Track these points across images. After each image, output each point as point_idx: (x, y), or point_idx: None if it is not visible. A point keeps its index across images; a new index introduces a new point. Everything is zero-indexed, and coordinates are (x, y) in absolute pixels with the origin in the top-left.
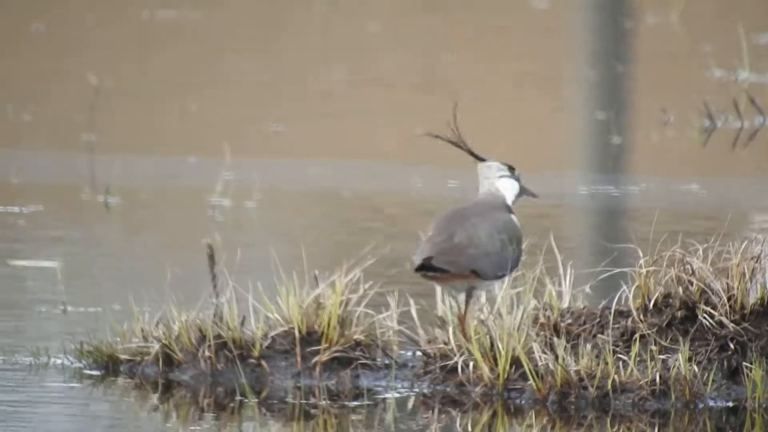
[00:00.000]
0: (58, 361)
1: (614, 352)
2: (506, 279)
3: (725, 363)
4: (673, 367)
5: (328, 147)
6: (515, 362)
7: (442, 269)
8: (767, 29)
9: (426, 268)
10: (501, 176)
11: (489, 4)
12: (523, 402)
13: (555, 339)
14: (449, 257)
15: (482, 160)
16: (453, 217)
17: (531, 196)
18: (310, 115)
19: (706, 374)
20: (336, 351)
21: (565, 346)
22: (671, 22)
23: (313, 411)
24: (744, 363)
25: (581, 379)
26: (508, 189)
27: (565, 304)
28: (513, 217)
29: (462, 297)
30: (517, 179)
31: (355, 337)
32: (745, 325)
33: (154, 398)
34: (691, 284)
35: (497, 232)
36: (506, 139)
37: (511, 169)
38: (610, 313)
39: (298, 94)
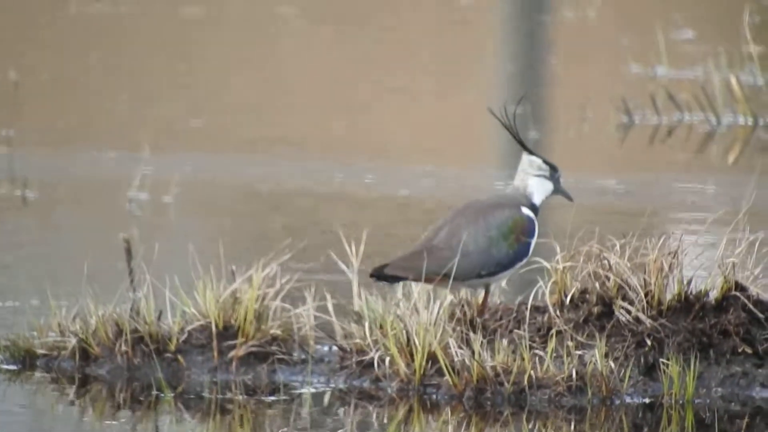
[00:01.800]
0: None
1: (530, 347)
2: (509, 272)
3: (642, 359)
4: (590, 363)
5: (245, 142)
6: (431, 357)
7: (396, 276)
8: (685, 25)
9: (378, 276)
10: (537, 174)
11: None
12: (439, 397)
13: (471, 334)
14: (409, 263)
15: (530, 152)
16: (455, 213)
17: (567, 199)
18: (228, 109)
19: (623, 370)
20: (252, 345)
21: (482, 342)
22: (589, 18)
23: (229, 406)
24: (661, 359)
25: (497, 375)
26: (538, 188)
27: (480, 300)
28: (525, 213)
29: (480, 291)
30: (556, 180)
31: (272, 331)
32: (662, 321)
33: (71, 393)
34: (608, 280)
35: (487, 230)
36: (425, 132)
37: (554, 169)
38: (527, 308)
39: (216, 89)
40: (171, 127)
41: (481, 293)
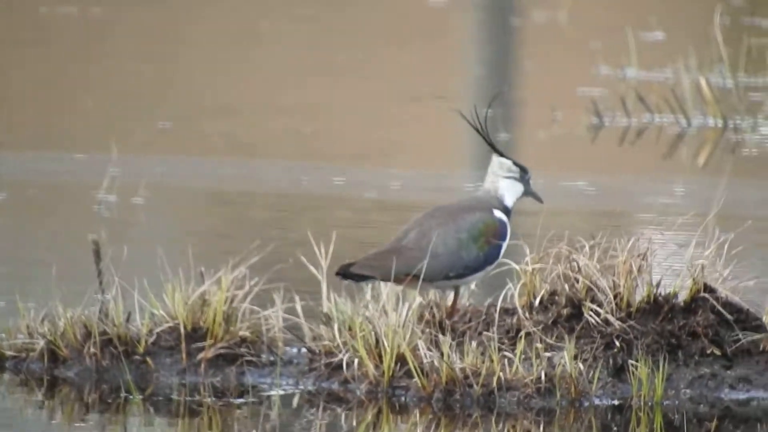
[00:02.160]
0: None
1: (499, 349)
2: (479, 274)
3: (611, 361)
4: (559, 364)
5: (214, 144)
6: (400, 359)
7: (363, 275)
8: (654, 27)
9: (344, 274)
10: (507, 176)
11: (386, 1)
12: (408, 399)
13: (440, 336)
14: (376, 262)
15: (500, 154)
16: (426, 215)
17: (537, 201)
18: (197, 112)
19: (592, 372)
20: (221, 347)
21: (451, 344)
22: (559, 20)
23: (197, 408)
24: (629, 361)
25: (466, 377)
26: (509, 190)
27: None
28: (497, 216)
29: (449, 293)
30: (526, 182)
31: (241, 333)
32: (631, 322)
33: (39, 394)
34: (577, 281)
35: (457, 232)
36: (395, 135)
37: (524, 171)
38: (496, 310)
39: (185, 92)
40: (140, 129)
41: (451, 295)
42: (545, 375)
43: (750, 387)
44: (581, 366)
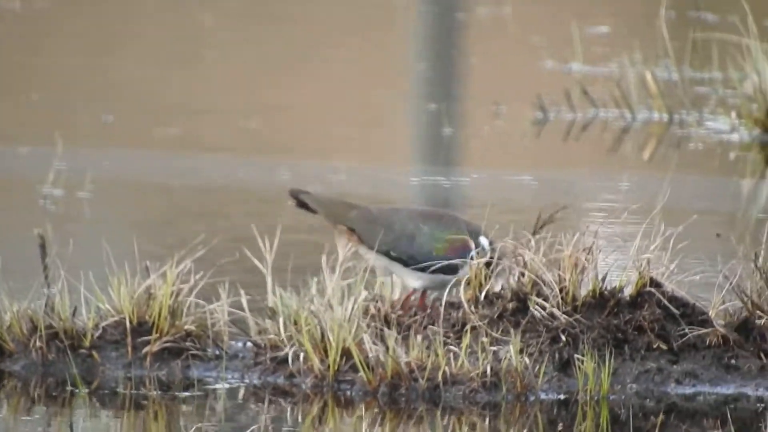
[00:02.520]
0: None
1: (445, 343)
2: (418, 273)
3: (557, 355)
4: (505, 359)
5: (159, 139)
6: (346, 354)
7: (308, 207)
8: (599, 21)
9: (295, 197)
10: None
11: None
12: (353, 394)
13: (386, 330)
14: (332, 206)
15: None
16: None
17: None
18: (143, 106)
19: (538, 366)
20: (167, 341)
21: (396, 338)
22: (504, 14)
23: (143, 401)
24: (576, 355)
25: (412, 371)
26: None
27: (396, 296)
28: (480, 241)
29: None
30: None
31: (186, 327)
32: (577, 317)
33: None
34: (523, 276)
35: (425, 222)
36: (338, 130)
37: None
38: (441, 304)
39: (131, 86)
40: (85, 122)
41: (397, 290)
42: (491, 369)
43: (696, 382)
44: (527, 360)
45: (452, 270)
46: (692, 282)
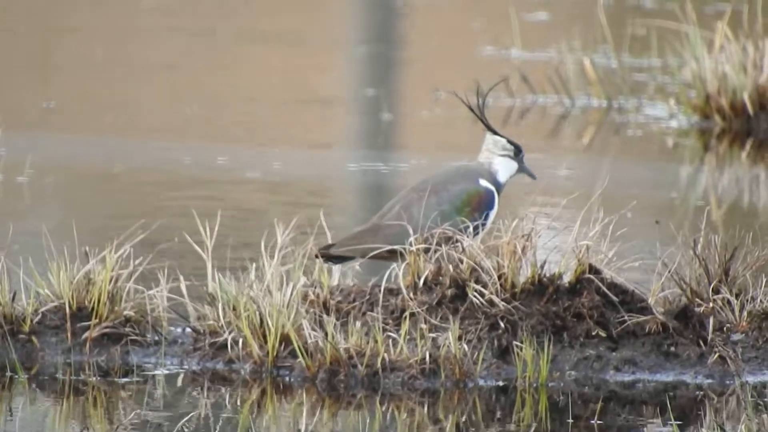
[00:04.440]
0: None
1: (384, 330)
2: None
3: (495, 342)
4: (443, 345)
5: (99, 124)
6: (285, 339)
7: (342, 257)
8: (538, 7)
9: (325, 256)
10: (502, 155)
11: None
12: (292, 379)
13: (325, 316)
14: (356, 242)
15: (495, 132)
16: (409, 190)
17: (531, 177)
18: (82, 91)
19: (477, 353)
20: (106, 327)
21: (335, 324)
22: (443, 0)
23: (83, 387)
24: (514, 342)
25: (351, 357)
26: (503, 167)
27: (335, 282)
28: (483, 185)
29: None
30: (520, 160)
31: (125, 313)
32: (516, 303)
33: None
34: (462, 262)
35: (438, 204)
36: (277, 115)
37: (518, 149)
38: (380, 290)
39: (71, 70)
40: (25, 107)
41: (335, 277)
42: (430, 356)
43: (635, 369)
44: (466, 347)
45: (486, 221)
46: (631, 269)
